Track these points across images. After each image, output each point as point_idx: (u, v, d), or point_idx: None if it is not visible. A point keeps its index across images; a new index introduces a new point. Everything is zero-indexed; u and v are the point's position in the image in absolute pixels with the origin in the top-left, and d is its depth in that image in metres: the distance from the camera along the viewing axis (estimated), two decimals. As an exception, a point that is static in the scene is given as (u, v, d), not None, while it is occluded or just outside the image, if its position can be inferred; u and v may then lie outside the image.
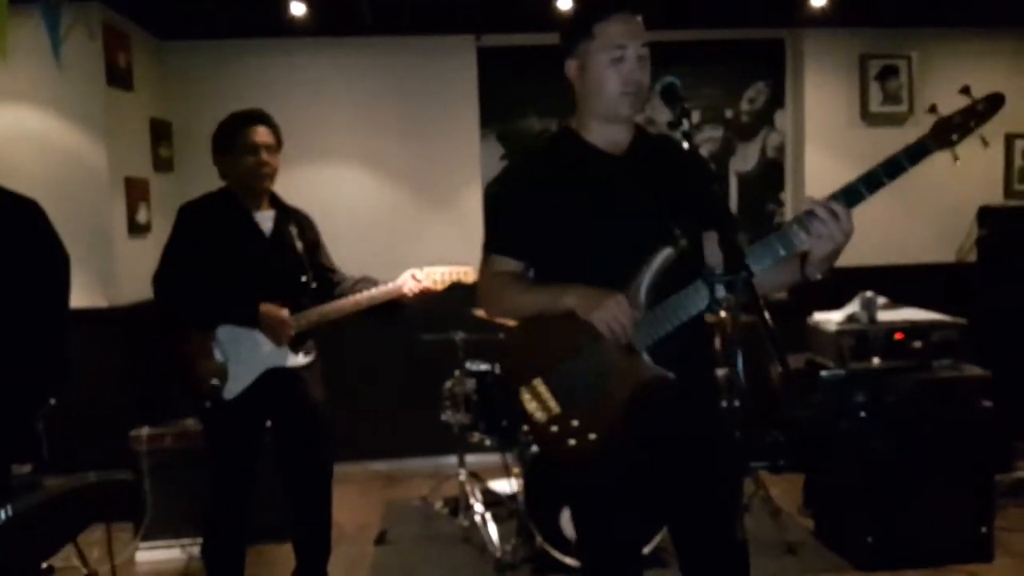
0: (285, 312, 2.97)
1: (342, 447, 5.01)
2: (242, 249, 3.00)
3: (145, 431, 4.11)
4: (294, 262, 3.08)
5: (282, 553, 3.52)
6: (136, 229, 4.61)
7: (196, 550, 3.96)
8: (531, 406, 2.02)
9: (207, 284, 2.95)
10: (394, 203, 5.36)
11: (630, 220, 1.97)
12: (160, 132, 5.01)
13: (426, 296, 3.15)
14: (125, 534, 4.04)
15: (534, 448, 3.62)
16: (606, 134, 2.05)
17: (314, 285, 3.14)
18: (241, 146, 2.99)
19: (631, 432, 1.93)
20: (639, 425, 1.92)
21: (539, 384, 2.00)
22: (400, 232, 5.31)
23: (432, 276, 3.15)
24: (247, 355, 2.98)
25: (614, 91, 1.97)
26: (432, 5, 4.76)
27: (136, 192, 4.63)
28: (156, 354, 3.07)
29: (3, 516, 1.17)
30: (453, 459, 4.34)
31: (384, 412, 5.19)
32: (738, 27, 5.35)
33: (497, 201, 2.22)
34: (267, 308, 2.94)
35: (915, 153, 1.76)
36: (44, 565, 1.59)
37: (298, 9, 4.41)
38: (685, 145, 1.78)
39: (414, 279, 3.12)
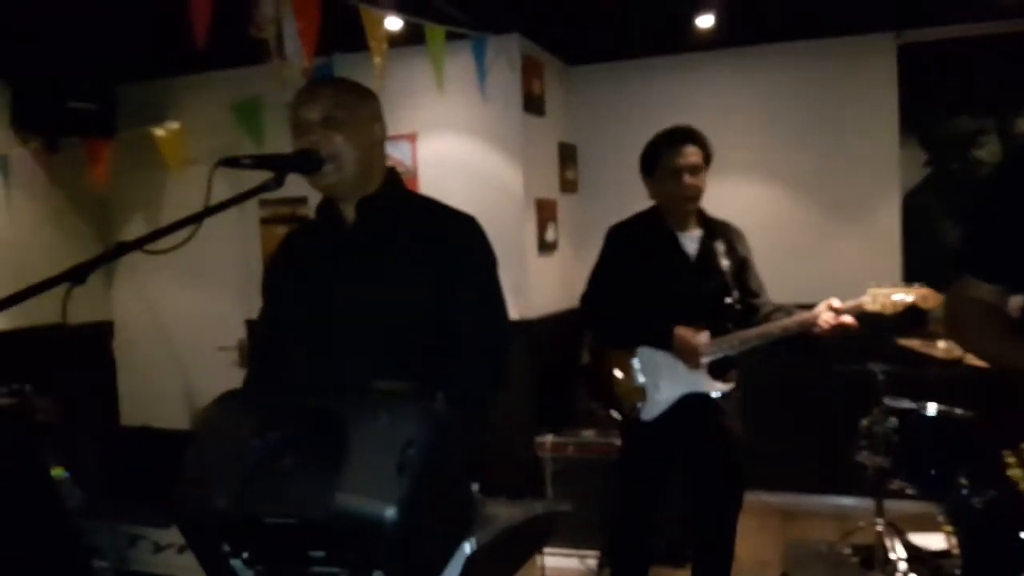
0: (700, 337, 2.87)
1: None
2: (666, 272, 2.96)
3: (549, 439, 4.27)
4: (718, 284, 2.96)
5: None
6: (545, 247, 4.84)
7: (592, 563, 4.05)
8: (1015, 472, 1.64)
9: (629, 306, 2.95)
10: (800, 218, 5.03)
11: None
12: (567, 155, 5.22)
13: (844, 331, 2.80)
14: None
15: (977, 503, 3.09)
16: None
17: (739, 307, 2.98)
18: (663, 169, 2.94)
19: None
20: None
21: None
22: (806, 249, 4.96)
23: (879, 300, 2.76)
24: (666, 378, 2.94)
25: None
26: (849, 4, 4.38)
27: (545, 212, 4.87)
28: (575, 367, 3.16)
29: (468, 549, 1.16)
30: (859, 501, 3.92)
31: (784, 442, 4.86)
32: None
33: (975, 207, 1.78)
34: (681, 331, 2.87)
35: None
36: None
37: (705, 21, 4.31)
38: None
39: (831, 309, 2.81)
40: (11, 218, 4.86)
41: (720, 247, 2.98)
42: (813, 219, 5.00)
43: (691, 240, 2.98)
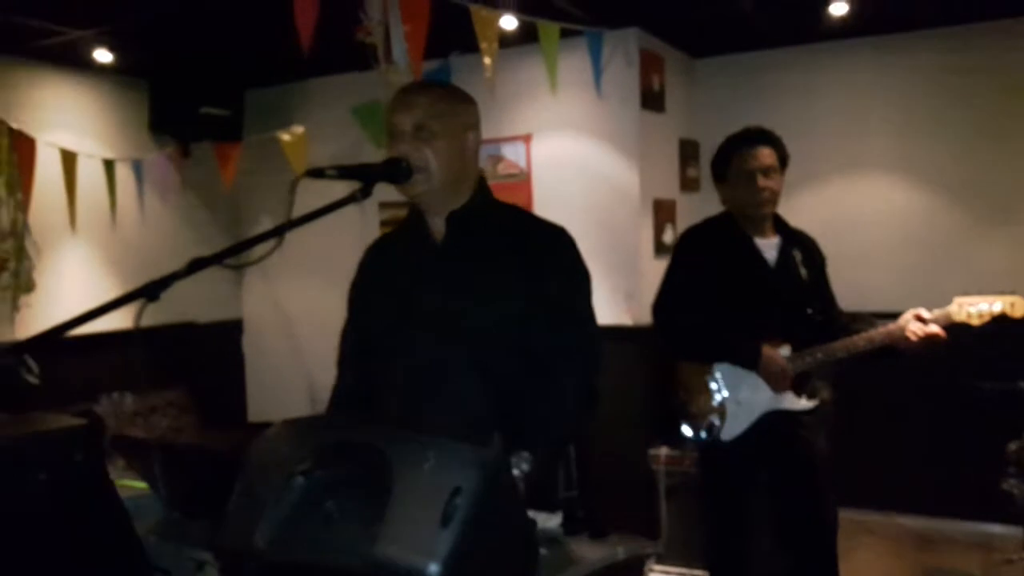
0: (786, 362, 2.70)
1: (870, 496, 4.51)
2: (744, 280, 2.80)
3: (663, 451, 4.11)
4: (799, 294, 2.80)
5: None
6: (661, 250, 4.66)
7: (707, 583, 3.87)
8: None
9: (708, 316, 2.80)
10: (941, 220, 4.63)
11: None
12: (688, 152, 5.02)
13: (934, 343, 2.60)
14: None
15: None
16: None
17: (819, 318, 2.81)
18: (735, 172, 2.80)
19: None
20: None
21: None
22: (946, 253, 4.57)
23: (965, 309, 2.57)
24: (746, 395, 2.76)
25: None
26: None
27: (663, 213, 4.70)
28: (660, 379, 3.01)
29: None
30: (1007, 530, 3.60)
31: (922, 462, 4.50)
32: None
33: None
34: (769, 353, 2.70)
35: None
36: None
37: (839, 9, 4.03)
38: None
39: (918, 319, 2.61)
40: (145, 221, 5.12)
41: (798, 255, 2.82)
42: (956, 221, 4.60)
43: (769, 247, 2.83)
